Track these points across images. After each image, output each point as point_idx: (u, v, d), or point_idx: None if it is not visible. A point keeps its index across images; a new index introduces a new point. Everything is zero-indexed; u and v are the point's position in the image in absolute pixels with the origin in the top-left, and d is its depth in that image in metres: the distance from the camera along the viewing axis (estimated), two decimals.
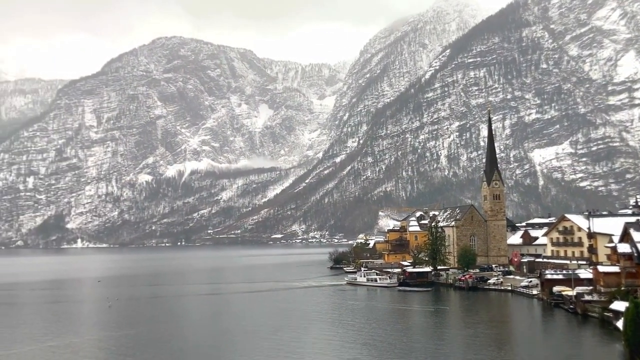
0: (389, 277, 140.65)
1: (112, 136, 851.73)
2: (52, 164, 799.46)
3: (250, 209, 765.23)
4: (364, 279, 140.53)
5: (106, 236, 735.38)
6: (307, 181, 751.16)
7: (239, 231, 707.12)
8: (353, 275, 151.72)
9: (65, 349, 66.78)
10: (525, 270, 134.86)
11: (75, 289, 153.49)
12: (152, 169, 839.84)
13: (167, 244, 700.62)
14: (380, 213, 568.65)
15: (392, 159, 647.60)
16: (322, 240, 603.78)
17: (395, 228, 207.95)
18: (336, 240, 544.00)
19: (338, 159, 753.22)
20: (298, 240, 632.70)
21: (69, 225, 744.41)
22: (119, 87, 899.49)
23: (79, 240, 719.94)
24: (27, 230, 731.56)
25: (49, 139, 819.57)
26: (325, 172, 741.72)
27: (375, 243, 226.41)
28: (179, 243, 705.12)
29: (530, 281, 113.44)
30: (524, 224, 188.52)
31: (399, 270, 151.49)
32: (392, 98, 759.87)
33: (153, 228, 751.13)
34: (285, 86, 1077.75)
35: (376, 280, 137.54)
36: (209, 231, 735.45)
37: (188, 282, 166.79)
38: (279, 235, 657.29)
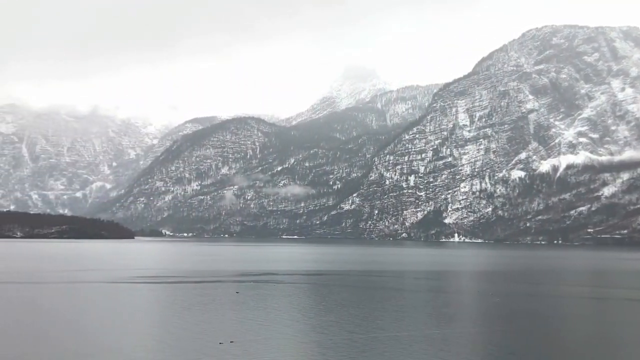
0: None
1: (484, 134, 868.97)
2: (429, 163, 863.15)
3: (639, 206, 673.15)
4: None
5: (481, 231, 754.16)
6: None
7: (625, 231, 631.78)
8: None
9: (439, 340, 67.83)
10: None
11: (453, 281, 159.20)
12: (525, 164, 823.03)
13: (542, 242, 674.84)
14: None
15: None
16: None
17: None
18: None
19: None
20: None
21: (446, 220, 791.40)
22: (490, 84, 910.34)
23: (456, 234, 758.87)
24: (410, 224, 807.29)
25: (427, 140, 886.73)
26: None
27: None
28: (555, 241, 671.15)
29: None
30: None
31: None
32: None
33: (527, 225, 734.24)
34: None
35: None
36: (589, 230, 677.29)
37: (566, 282, 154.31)
38: None
